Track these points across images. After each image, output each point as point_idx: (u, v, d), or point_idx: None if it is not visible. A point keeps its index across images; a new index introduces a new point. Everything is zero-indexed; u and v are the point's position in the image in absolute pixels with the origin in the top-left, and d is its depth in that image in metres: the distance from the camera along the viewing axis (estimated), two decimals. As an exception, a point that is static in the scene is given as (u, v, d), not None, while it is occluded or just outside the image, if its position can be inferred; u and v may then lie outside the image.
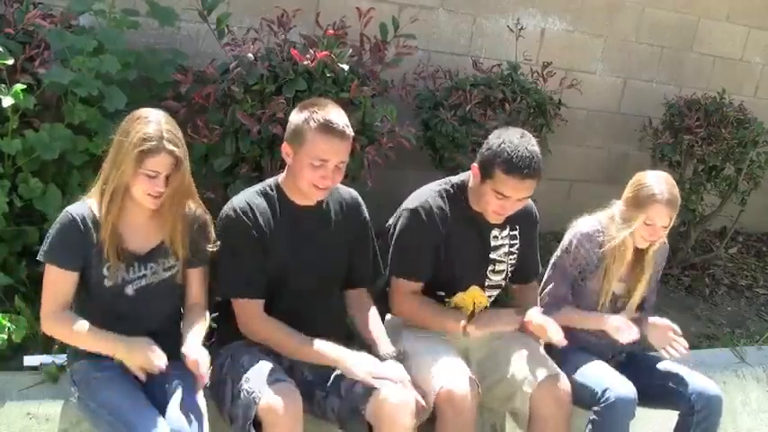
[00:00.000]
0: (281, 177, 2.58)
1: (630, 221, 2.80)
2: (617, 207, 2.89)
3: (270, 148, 3.21)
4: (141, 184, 2.26)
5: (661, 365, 2.97)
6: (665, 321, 2.90)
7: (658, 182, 2.81)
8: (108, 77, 3.10)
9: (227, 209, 2.50)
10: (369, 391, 2.38)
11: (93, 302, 2.34)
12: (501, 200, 2.62)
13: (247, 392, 2.30)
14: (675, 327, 2.88)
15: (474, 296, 2.84)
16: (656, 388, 2.88)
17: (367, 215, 2.71)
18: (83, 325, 2.27)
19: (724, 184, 4.80)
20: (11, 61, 2.86)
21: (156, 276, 2.39)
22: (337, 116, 2.42)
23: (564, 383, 2.67)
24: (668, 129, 4.74)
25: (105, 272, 2.31)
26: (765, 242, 5.81)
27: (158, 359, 2.24)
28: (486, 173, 2.62)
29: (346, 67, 3.24)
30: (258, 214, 2.47)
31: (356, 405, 2.39)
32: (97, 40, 3.11)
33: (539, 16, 4.61)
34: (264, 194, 2.54)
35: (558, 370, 2.69)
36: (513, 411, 2.80)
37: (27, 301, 2.84)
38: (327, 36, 3.36)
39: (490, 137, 2.67)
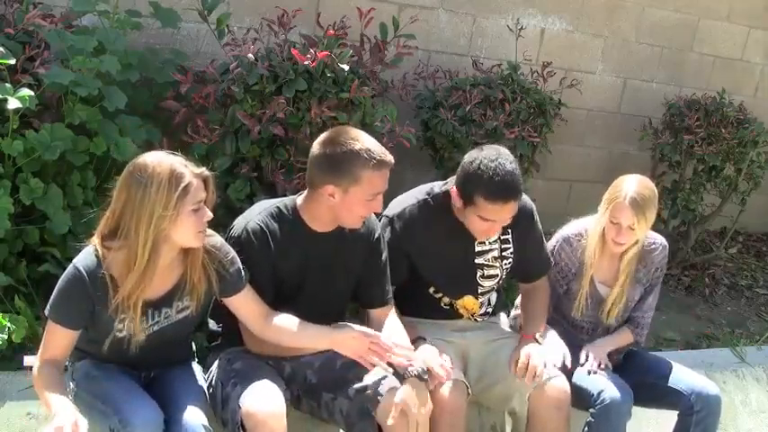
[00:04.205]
0: (299, 200, 2.49)
1: (601, 219, 2.81)
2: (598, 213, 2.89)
3: (270, 148, 3.22)
4: (189, 224, 2.11)
5: (660, 365, 2.97)
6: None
7: (629, 183, 2.77)
8: (108, 77, 3.11)
9: (240, 228, 2.43)
10: (379, 392, 2.38)
11: (101, 345, 2.26)
12: (486, 223, 2.58)
13: (234, 397, 2.30)
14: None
15: (465, 304, 2.84)
16: (656, 388, 2.88)
17: (377, 234, 2.62)
18: (54, 393, 2.08)
19: (724, 184, 4.81)
20: (13, 61, 2.87)
21: (168, 320, 2.29)
22: (377, 145, 2.38)
23: (562, 385, 2.65)
24: (668, 129, 4.74)
25: (118, 324, 2.20)
26: (765, 242, 5.82)
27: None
28: (467, 199, 2.57)
29: (346, 68, 3.24)
30: (270, 238, 2.41)
31: (366, 406, 2.39)
32: (98, 40, 3.11)
33: (539, 16, 4.61)
34: (279, 217, 2.46)
35: (558, 372, 2.69)
36: (511, 412, 2.80)
37: (27, 302, 2.84)
38: (328, 36, 3.37)
39: (465, 159, 2.60)
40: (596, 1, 4.77)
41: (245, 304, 2.36)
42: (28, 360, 2.60)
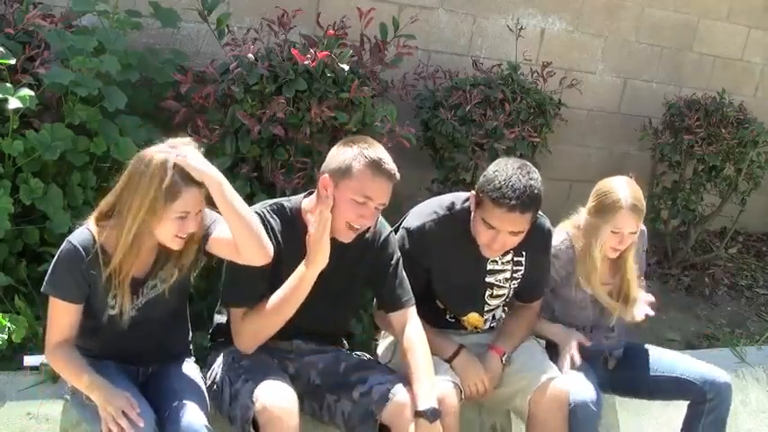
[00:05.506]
0: (303, 203, 2.49)
1: (597, 230, 2.73)
2: (582, 215, 2.83)
3: (270, 148, 3.22)
4: (169, 228, 2.17)
5: (666, 357, 2.97)
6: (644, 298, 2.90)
7: (622, 188, 2.71)
8: (108, 77, 3.11)
9: None
10: (386, 395, 2.37)
11: (94, 325, 2.30)
12: (490, 230, 2.53)
13: (244, 393, 2.30)
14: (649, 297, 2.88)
15: (469, 319, 2.83)
16: (665, 380, 2.88)
17: (384, 237, 2.56)
18: (79, 367, 2.22)
19: (724, 184, 4.80)
20: (13, 61, 2.87)
21: (155, 290, 2.32)
22: (387, 156, 2.36)
23: (564, 386, 2.65)
24: (668, 129, 4.74)
25: (110, 300, 2.25)
26: (765, 242, 5.81)
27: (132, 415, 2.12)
28: (478, 200, 2.56)
29: (346, 67, 3.24)
30: (270, 233, 2.38)
31: (371, 409, 2.38)
32: (98, 40, 3.11)
33: (539, 16, 4.61)
34: (280, 213, 2.46)
35: (558, 372, 2.69)
36: (515, 410, 2.79)
37: (27, 301, 2.84)
38: (328, 36, 3.37)
39: (491, 164, 2.59)
40: (596, 1, 4.77)
41: (219, 240, 2.31)
42: (28, 360, 2.62)
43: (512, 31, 4.34)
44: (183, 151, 2.18)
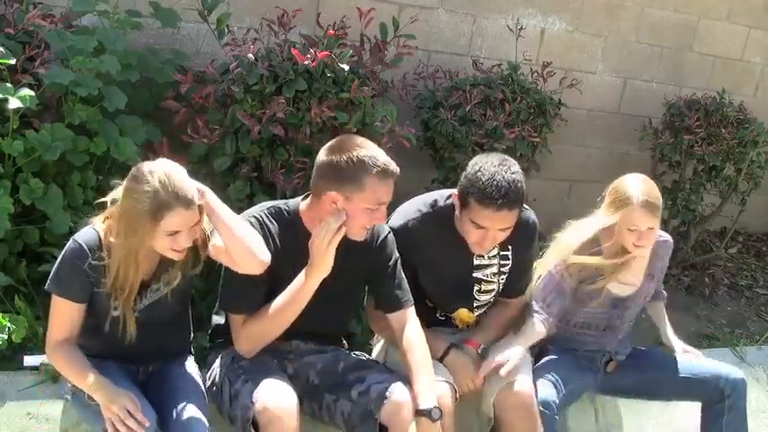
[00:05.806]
0: (302, 205, 2.47)
1: (611, 227, 2.72)
2: (599, 214, 2.80)
3: (270, 148, 3.22)
4: (162, 243, 2.17)
5: (674, 358, 2.96)
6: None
7: (635, 185, 2.70)
8: (108, 77, 3.11)
9: None
10: (383, 394, 2.37)
11: (96, 325, 2.31)
12: (479, 230, 2.53)
13: (244, 394, 2.31)
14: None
15: (460, 316, 2.83)
16: (677, 380, 2.87)
17: (383, 237, 2.55)
18: (81, 366, 2.22)
19: (724, 184, 4.80)
20: (13, 61, 2.87)
21: (158, 293, 2.33)
22: (384, 155, 2.36)
23: (526, 386, 2.60)
24: (668, 129, 4.74)
25: (113, 302, 2.26)
26: (765, 242, 5.81)
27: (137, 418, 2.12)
28: (463, 202, 2.56)
29: (346, 67, 3.24)
30: (266, 234, 2.39)
31: (370, 409, 2.38)
32: (98, 40, 3.11)
33: (539, 16, 4.61)
34: (278, 217, 2.45)
35: (527, 375, 2.64)
36: (486, 413, 2.76)
37: (27, 301, 2.84)
38: (328, 36, 3.37)
39: (469, 163, 2.58)
40: (596, 1, 4.77)
41: (219, 248, 2.30)
42: (28, 360, 2.62)
43: (512, 31, 4.34)
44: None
